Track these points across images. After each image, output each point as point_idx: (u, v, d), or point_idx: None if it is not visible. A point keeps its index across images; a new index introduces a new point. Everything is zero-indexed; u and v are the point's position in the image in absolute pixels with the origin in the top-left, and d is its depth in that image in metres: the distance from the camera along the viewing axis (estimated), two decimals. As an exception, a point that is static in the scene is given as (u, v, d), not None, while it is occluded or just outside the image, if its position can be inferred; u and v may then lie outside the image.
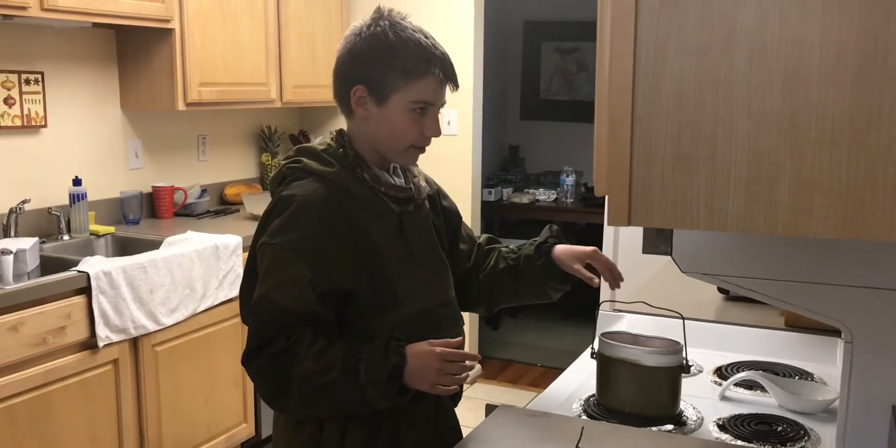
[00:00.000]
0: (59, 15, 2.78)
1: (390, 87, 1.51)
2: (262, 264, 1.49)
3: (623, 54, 0.89)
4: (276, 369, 1.44)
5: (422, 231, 1.64)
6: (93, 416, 2.68)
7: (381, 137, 1.56)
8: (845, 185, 0.83)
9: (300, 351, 1.44)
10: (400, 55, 1.50)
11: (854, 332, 1.23)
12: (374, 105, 1.53)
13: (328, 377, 1.42)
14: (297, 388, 1.44)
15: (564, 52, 6.45)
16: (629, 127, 0.89)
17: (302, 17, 4.00)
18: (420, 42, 1.53)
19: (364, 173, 1.56)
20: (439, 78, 1.53)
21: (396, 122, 1.53)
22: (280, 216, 1.50)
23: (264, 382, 1.48)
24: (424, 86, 1.52)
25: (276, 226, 1.50)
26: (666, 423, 1.57)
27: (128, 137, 3.56)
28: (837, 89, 0.82)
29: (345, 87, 1.56)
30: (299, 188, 1.52)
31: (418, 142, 1.57)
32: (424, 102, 1.53)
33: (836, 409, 1.39)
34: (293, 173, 1.56)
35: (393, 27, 1.53)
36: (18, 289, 2.43)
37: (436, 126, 1.57)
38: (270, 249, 1.49)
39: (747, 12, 0.84)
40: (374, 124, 1.55)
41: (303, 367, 1.43)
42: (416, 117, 1.53)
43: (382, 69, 1.51)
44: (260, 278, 1.49)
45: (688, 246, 1.29)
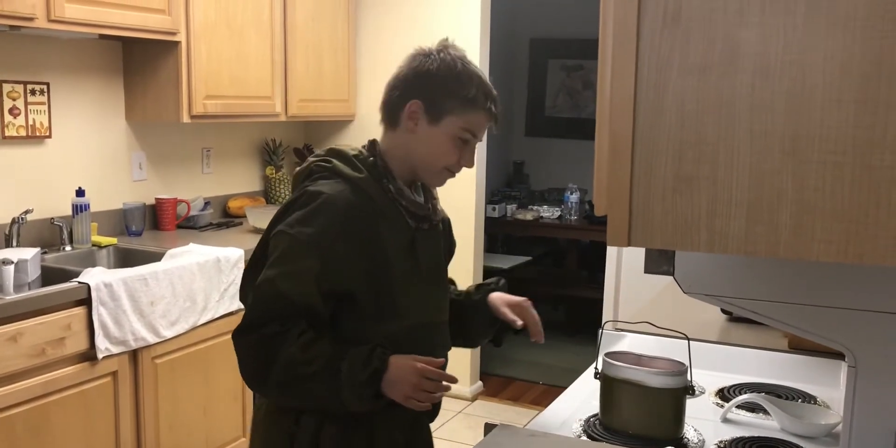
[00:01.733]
0: (65, 26, 2.79)
1: (447, 111, 1.59)
2: (275, 250, 1.54)
3: (624, 73, 0.88)
4: (264, 350, 1.50)
5: (432, 249, 1.70)
6: (91, 427, 2.66)
7: (420, 154, 1.63)
8: (848, 207, 0.82)
9: (289, 338, 1.49)
10: (465, 85, 1.60)
11: (858, 355, 1.22)
12: (424, 122, 1.61)
13: (310, 368, 1.48)
14: (278, 372, 1.49)
15: (570, 70, 6.46)
16: (630, 146, 0.88)
17: (308, 30, 4.01)
18: (483, 78, 1.64)
19: (389, 184, 1.62)
20: (490, 114, 1.63)
21: (441, 144, 1.61)
22: (303, 209, 1.55)
23: (249, 360, 1.54)
24: (477, 117, 1.61)
25: (296, 217, 1.54)
26: (668, 445, 1.55)
27: (132, 149, 3.57)
28: (840, 111, 0.81)
29: (401, 98, 1.63)
30: (327, 186, 1.57)
31: (453, 167, 1.66)
32: (471, 133, 1.62)
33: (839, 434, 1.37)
34: (321, 171, 1.62)
35: (462, 59, 1.64)
36: (19, 299, 2.43)
37: (471, 158, 1.66)
38: (286, 238, 1.53)
39: (750, 33, 0.84)
40: (418, 140, 1.62)
41: (289, 353, 1.48)
42: (458, 144, 1.62)
43: (446, 92, 1.59)
44: (269, 263, 1.54)
45: (690, 266, 1.28)
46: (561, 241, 5.98)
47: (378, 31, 4.39)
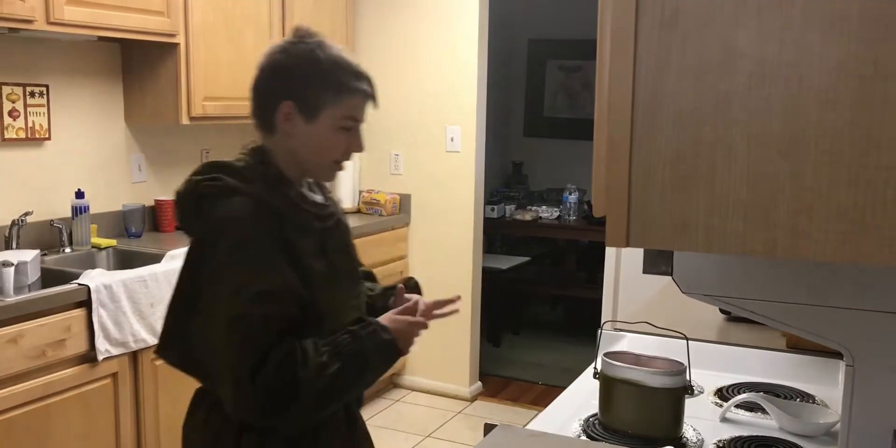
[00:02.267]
0: (64, 28, 2.80)
1: (320, 104, 1.52)
2: (224, 286, 1.46)
3: (622, 74, 0.88)
4: (284, 379, 1.43)
5: (341, 247, 1.68)
6: (91, 429, 2.67)
7: (306, 153, 1.57)
8: (844, 208, 0.82)
9: (296, 354, 1.44)
10: (330, 72, 1.53)
11: (856, 355, 1.22)
12: (302, 121, 1.54)
13: (334, 366, 1.46)
14: (308, 389, 1.44)
15: (568, 71, 6.47)
16: (628, 147, 0.88)
17: (307, 32, 4.01)
18: (348, 60, 1.56)
19: (288, 190, 1.56)
20: (366, 94, 1.57)
21: (325, 139, 1.55)
22: (223, 237, 1.48)
23: (271, 399, 1.44)
24: (353, 102, 1.55)
25: (226, 246, 1.47)
26: (667, 445, 1.55)
27: (131, 151, 3.57)
28: (837, 112, 0.81)
29: (268, 102, 1.55)
30: (232, 208, 1.49)
31: (342, 157, 1.60)
32: (353, 119, 1.56)
33: (838, 433, 1.37)
34: (214, 192, 1.52)
35: (320, 45, 1.55)
36: (19, 301, 2.43)
37: (360, 142, 1.61)
38: (232, 269, 1.46)
39: (747, 34, 0.84)
40: (299, 140, 1.56)
41: (310, 366, 1.44)
42: (343, 134, 1.56)
43: (312, 86, 1.52)
44: (227, 301, 1.45)
45: (689, 266, 1.28)
46: (560, 241, 5.99)
47: (376, 32, 4.40)
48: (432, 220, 4.41)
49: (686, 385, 1.58)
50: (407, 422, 4.12)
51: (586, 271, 5.68)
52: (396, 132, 4.43)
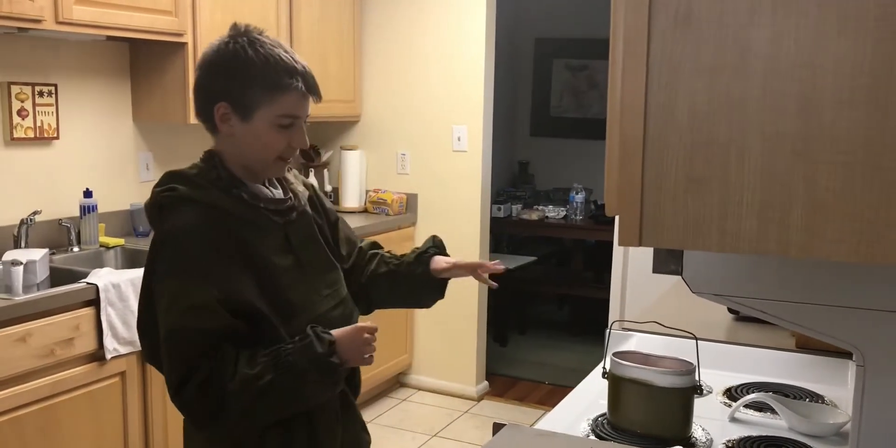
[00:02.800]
0: (73, 28, 2.80)
1: (254, 104, 1.52)
2: (163, 299, 1.49)
3: (635, 74, 0.88)
4: (209, 389, 1.44)
5: (307, 239, 1.66)
6: (99, 428, 2.67)
7: (248, 152, 1.57)
8: (859, 208, 0.82)
9: (227, 368, 1.44)
10: (260, 71, 1.51)
11: (867, 355, 1.22)
12: (238, 121, 1.54)
13: (265, 379, 1.43)
14: (235, 402, 1.44)
15: (575, 70, 6.47)
16: (641, 147, 0.88)
17: (314, 32, 4.02)
18: (280, 56, 1.54)
19: (241, 192, 1.57)
20: (301, 91, 1.54)
21: (263, 137, 1.54)
22: (168, 250, 1.50)
23: (198, 409, 1.47)
24: (288, 100, 1.53)
25: (165, 260, 1.50)
26: (676, 445, 1.55)
27: (139, 150, 3.58)
28: (852, 112, 0.81)
29: (206, 104, 1.56)
30: (179, 218, 1.51)
31: (285, 153, 1.58)
32: (290, 116, 1.55)
33: (848, 433, 1.37)
34: (169, 202, 1.54)
35: (252, 44, 1.54)
36: (27, 300, 2.44)
37: (302, 138, 1.59)
38: (169, 283, 1.48)
39: (761, 34, 0.84)
40: (239, 140, 1.56)
41: (237, 380, 1.43)
42: (282, 131, 1.55)
43: (244, 86, 1.52)
44: (164, 313, 1.48)
45: (699, 266, 1.28)
46: (566, 241, 5.98)
47: (384, 31, 4.40)
48: (439, 220, 4.40)
49: (695, 385, 1.57)
50: (413, 421, 4.12)
51: (593, 271, 5.67)
52: (403, 132, 4.43)
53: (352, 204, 4.39)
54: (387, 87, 4.44)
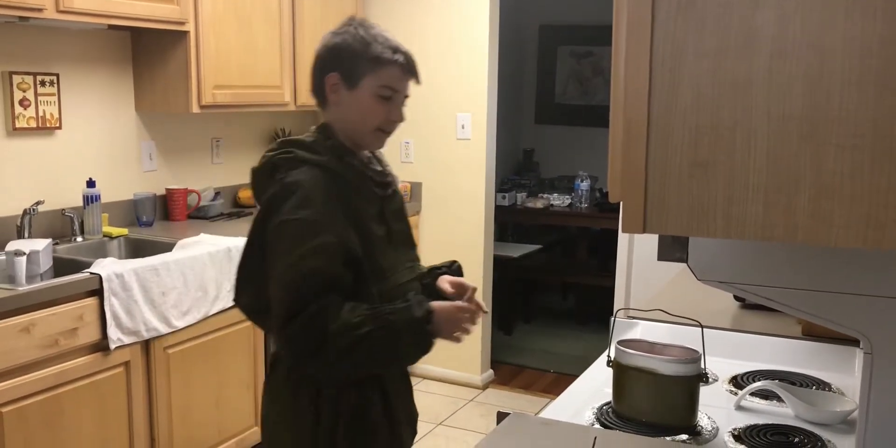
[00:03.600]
0: (74, 17, 2.79)
1: (360, 73, 1.70)
2: (283, 239, 1.63)
3: (639, 57, 0.87)
4: (313, 329, 1.57)
5: (398, 214, 1.85)
6: (103, 418, 2.68)
7: (352, 120, 1.74)
8: (867, 192, 0.80)
9: (332, 311, 1.58)
10: (371, 45, 1.71)
11: (874, 342, 1.20)
12: (345, 90, 1.72)
13: (364, 329, 1.58)
14: (335, 341, 1.57)
15: (580, 57, 6.43)
16: (645, 132, 0.87)
17: (317, 20, 4.00)
18: (385, 36, 1.74)
19: (352, 160, 1.73)
20: (402, 65, 1.72)
21: (365, 105, 1.72)
22: (291, 197, 1.63)
23: (301, 341, 1.60)
24: (390, 72, 1.71)
25: (292, 204, 1.62)
26: (681, 433, 1.54)
27: (142, 139, 3.57)
28: (860, 94, 0.79)
29: (320, 76, 1.75)
30: (300, 174, 1.66)
31: (384, 125, 1.75)
32: (390, 88, 1.72)
33: (855, 421, 1.36)
34: (287, 163, 1.69)
35: (362, 26, 1.74)
36: (31, 290, 2.43)
37: (400, 111, 1.77)
38: (292, 224, 1.62)
39: (767, 14, 0.82)
40: (345, 108, 1.74)
41: (339, 324, 1.57)
42: (382, 102, 1.72)
43: (354, 57, 1.70)
44: (284, 251, 1.62)
45: (704, 253, 1.27)
46: (571, 229, 5.97)
47: (387, 18, 4.37)
48: (443, 208, 4.39)
49: (701, 373, 1.56)
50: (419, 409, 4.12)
51: (598, 259, 5.66)
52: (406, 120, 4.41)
53: (356, 193, 4.37)
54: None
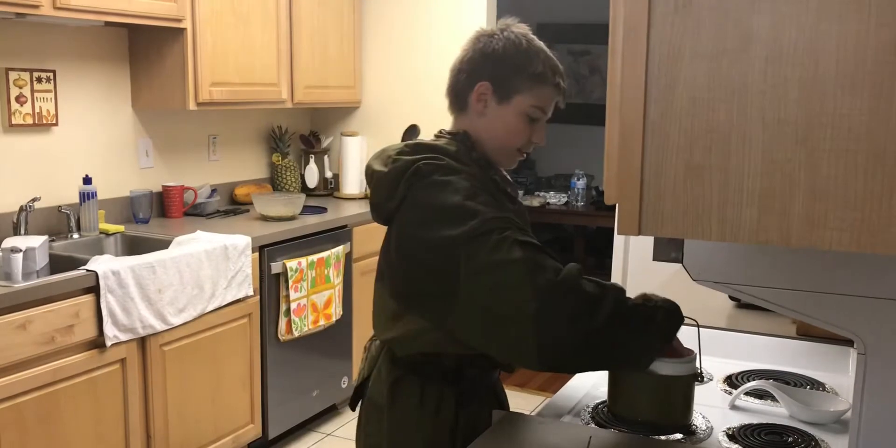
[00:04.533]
0: (71, 13, 2.79)
1: (515, 89, 1.58)
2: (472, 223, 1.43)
3: (635, 60, 0.87)
4: (587, 282, 1.39)
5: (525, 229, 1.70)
6: (100, 415, 2.68)
7: (493, 136, 1.62)
8: (861, 196, 0.81)
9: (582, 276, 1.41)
10: (532, 61, 1.59)
11: (868, 343, 1.21)
12: (494, 102, 1.60)
13: (629, 302, 1.41)
14: (610, 305, 1.37)
15: (576, 55, 6.43)
16: (641, 135, 0.87)
17: (314, 18, 4.00)
18: (549, 53, 1.63)
19: (495, 175, 1.63)
20: (558, 88, 1.62)
21: (512, 123, 1.60)
22: (474, 199, 1.47)
23: (582, 295, 1.38)
24: (546, 93, 1.60)
25: (481, 206, 1.46)
26: (676, 432, 1.55)
27: (138, 136, 3.56)
28: (854, 99, 0.80)
29: (468, 81, 1.61)
30: (463, 180, 1.50)
31: (525, 146, 1.64)
32: (541, 109, 1.60)
33: (849, 420, 1.37)
34: (436, 170, 1.52)
35: (525, 36, 1.63)
36: (27, 287, 2.43)
37: (542, 134, 1.64)
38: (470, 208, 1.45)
39: (762, 19, 0.83)
40: (488, 122, 1.61)
41: (615, 288, 1.41)
42: (528, 122, 1.60)
43: (513, 71, 1.59)
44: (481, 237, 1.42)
45: (699, 254, 1.27)
46: (567, 227, 5.97)
47: (384, 17, 4.37)
48: (440, 206, 4.39)
49: (696, 372, 1.57)
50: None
51: (594, 257, 5.67)
52: (403, 118, 4.41)
53: (352, 190, 4.38)
54: (387, 73, 4.42)
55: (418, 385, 1.61)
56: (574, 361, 1.44)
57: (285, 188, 4.27)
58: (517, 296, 1.38)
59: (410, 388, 1.62)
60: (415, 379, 1.62)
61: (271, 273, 3.31)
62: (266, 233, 3.33)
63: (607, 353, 1.42)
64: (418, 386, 1.61)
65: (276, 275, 3.33)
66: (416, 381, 1.62)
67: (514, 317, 1.38)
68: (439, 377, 1.61)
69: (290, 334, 3.41)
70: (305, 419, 3.72)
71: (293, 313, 3.38)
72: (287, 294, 3.36)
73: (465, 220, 1.44)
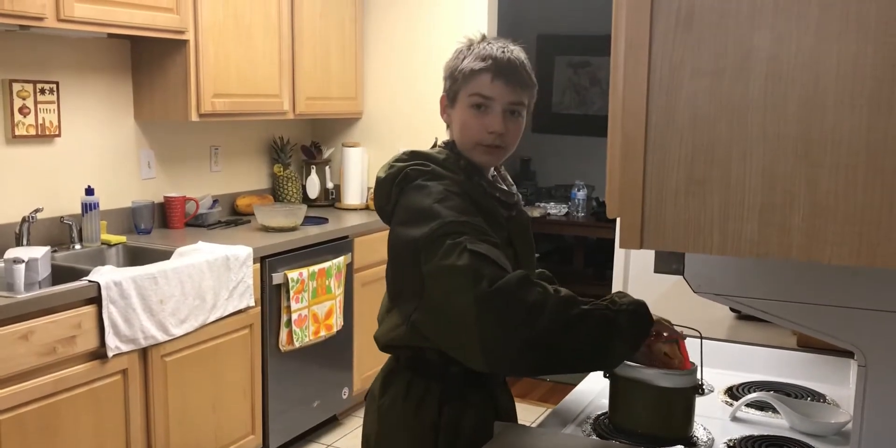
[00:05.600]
0: (74, 26, 2.80)
1: (457, 89, 1.65)
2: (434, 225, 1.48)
3: (637, 76, 0.88)
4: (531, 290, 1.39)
5: (524, 237, 1.75)
6: (101, 426, 2.68)
7: (458, 139, 1.67)
8: (861, 210, 0.82)
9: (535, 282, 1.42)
10: (464, 58, 1.66)
11: (868, 355, 1.22)
12: (450, 108, 1.69)
13: (580, 307, 1.41)
14: (551, 312, 1.38)
15: (577, 67, 6.46)
16: (642, 150, 0.88)
17: (316, 29, 4.02)
18: (485, 47, 1.65)
19: (481, 180, 1.66)
20: (491, 72, 1.61)
21: (462, 119, 1.65)
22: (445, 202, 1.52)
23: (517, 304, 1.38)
24: (479, 80, 1.62)
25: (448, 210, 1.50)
26: (677, 444, 1.55)
27: (141, 147, 3.58)
28: (853, 114, 0.81)
29: (441, 100, 1.72)
30: (446, 184, 1.57)
31: (482, 139, 1.64)
32: (480, 95, 1.62)
33: (849, 432, 1.37)
34: (422, 175, 1.59)
35: (470, 44, 1.69)
36: (29, 298, 2.44)
37: (496, 121, 1.62)
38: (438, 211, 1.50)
39: (762, 36, 0.84)
40: (453, 128, 1.69)
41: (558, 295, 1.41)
42: (477, 113, 1.63)
43: (452, 74, 1.67)
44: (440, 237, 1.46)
45: (700, 266, 1.28)
46: (568, 238, 5.98)
47: (385, 28, 4.39)
48: (440, 217, 4.40)
49: (697, 385, 1.57)
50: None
51: (594, 268, 5.67)
52: (405, 129, 4.43)
53: (353, 201, 4.39)
54: (388, 84, 4.44)
55: (407, 378, 1.67)
56: (522, 365, 1.45)
57: (287, 199, 4.28)
58: (460, 302, 1.41)
59: (399, 380, 1.68)
60: (406, 372, 1.68)
61: (272, 284, 3.32)
62: (267, 243, 3.34)
63: (557, 356, 1.42)
64: (407, 379, 1.67)
65: (277, 285, 3.34)
66: (407, 374, 1.67)
67: (459, 322, 1.42)
68: (426, 371, 1.65)
69: (291, 345, 3.41)
70: (306, 430, 3.71)
71: (294, 324, 3.39)
72: (288, 305, 3.36)
73: (427, 222, 1.50)
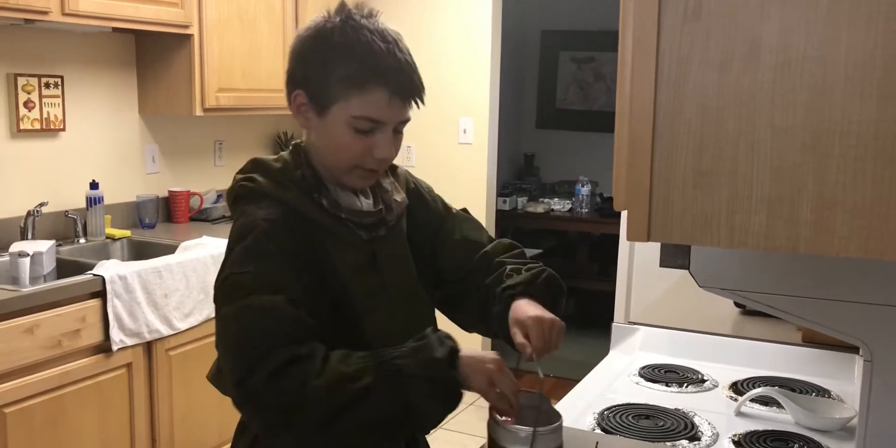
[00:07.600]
0: (79, 20, 2.80)
1: (330, 97, 1.29)
2: (225, 296, 1.27)
3: (645, 68, 0.88)
4: (286, 384, 1.17)
5: (397, 259, 1.42)
6: (105, 419, 2.68)
7: (324, 153, 1.35)
8: (869, 203, 0.82)
9: (314, 360, 1.18)
10: (342, 60, 1.27)
11: (874, 350, 1.21)
12: (314, 115, 1.32)
13: (362, 382, 1.17)
14: (316, 405, 1.17)
15: (581, 62, 6.44)
16: (650, 142, 0.88)
17: (320, 24, 4.01)
18: (371, 47, 1.27)
19: (322, 198, 1.34)
20: (387, 93, 1.28)
21: (337, 137, 1.30)
22: (241, 242, 1.28)
23: (269, 403, 1.20)
24: (369, 100, 1.28)
25: (240, 255, 1.27)
26: (681, 440, 1.55)
27: (145, 142, 3.58)
28: (863, 105, 0.80)
29: (288, 90, 1.36)
30: (255, 214, 1.30)
31: (364, 163, 1.32)
32: (369, 119, 1.29)
33: (854, 428, 1.37)
34: (244, 196, 1.34)
35: (345, 25, 1.28)
36: (34, 291, 2.44)
37: (388, 147, 1.32)
38: (238, 278, 1.26)
39: (771, 27, 0.83)
40: (316, 136, 1.35)
41: (327, 375, 1.17)
42: (360, 135, 1.30)
43: (321, 74, 1.29)
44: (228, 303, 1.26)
45: (706, 260, 1.28)
46: (571, 233, 5.97)
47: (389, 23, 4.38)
48: (444, 212, 4.40)
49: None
50: (418, 413, 4.12)
51: (598, 264, 5.66)
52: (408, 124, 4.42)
53: (357, 196, 4.38)
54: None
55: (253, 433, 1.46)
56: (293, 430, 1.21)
57: (290, 194, 4.28)
58: (225, 358, 1.27)
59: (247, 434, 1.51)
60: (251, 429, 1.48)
61: (277, 278, 3.31)
62: (272, 238, 3.33)
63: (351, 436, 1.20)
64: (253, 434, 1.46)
65: (281, 280, 3.34)
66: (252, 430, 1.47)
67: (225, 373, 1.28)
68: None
69: (295, 340, 3.41)
70: (310, 425, 3.72)
71: (298, 319, 3.38)
72: (292, 299, 3.36)
73: (224, 266, 1.29)
